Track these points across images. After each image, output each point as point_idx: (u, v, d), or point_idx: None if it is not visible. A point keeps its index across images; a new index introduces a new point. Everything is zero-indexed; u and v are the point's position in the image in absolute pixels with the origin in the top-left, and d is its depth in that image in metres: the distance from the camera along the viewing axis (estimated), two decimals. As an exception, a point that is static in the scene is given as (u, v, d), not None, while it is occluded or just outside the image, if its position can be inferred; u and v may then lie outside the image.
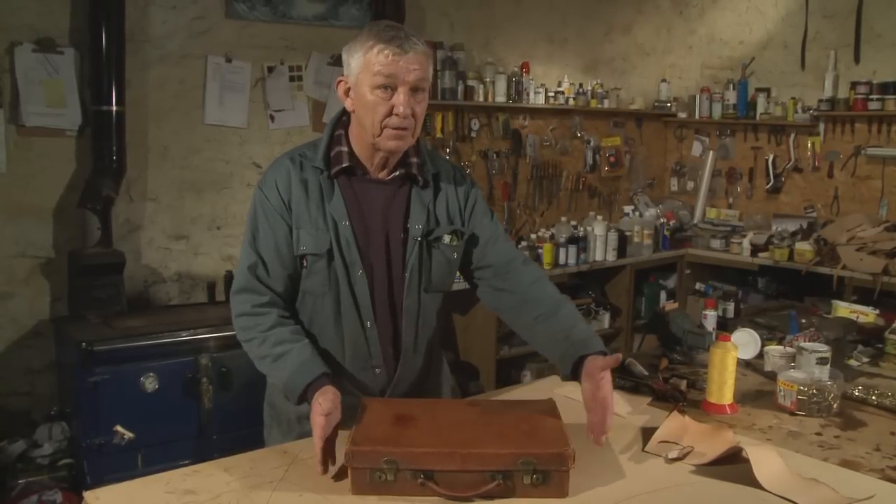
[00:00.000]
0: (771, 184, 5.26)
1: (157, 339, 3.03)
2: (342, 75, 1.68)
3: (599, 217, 4.90)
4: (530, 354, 4.35)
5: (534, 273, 1.83)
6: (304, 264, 1.69)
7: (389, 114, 1.61)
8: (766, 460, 1.51)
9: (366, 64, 1.60)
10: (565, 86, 5.05)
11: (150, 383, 2.97)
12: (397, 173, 1.73)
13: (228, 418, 3.09)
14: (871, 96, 4.58)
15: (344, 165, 1.69)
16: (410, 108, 1.61)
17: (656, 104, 5.68)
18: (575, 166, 5.29)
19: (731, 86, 5.36)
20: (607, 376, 1.56)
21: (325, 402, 1.49)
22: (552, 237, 4.68)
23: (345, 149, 1.71)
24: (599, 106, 5.20)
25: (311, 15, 4.00)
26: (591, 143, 5.32)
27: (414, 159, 1.73)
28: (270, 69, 3.90)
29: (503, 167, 4.86)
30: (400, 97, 1.60)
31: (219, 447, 2.92)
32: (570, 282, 4.85)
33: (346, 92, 1.67)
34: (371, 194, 1.72)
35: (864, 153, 4.79)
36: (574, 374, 1.66)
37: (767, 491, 1.45)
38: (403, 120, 1.61)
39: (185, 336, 3.08)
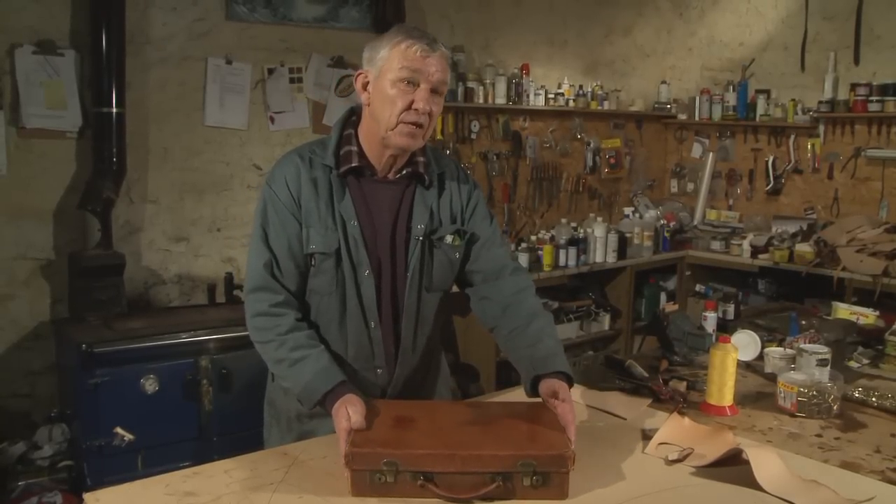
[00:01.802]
0: (771, 185, 5.27)
1: (157, 341, 3.03)
2: (360, 70, 1.69)
3: (599, 219, 4.90)
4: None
5: (519, 283, 1.81)
6: (313, 263, 1.69)
7: (408, 108, 1.62)
8: (766, 462, 1.51)
9: (392, 57, 1.62)
10: (565, 87, 5.05)
11: (150, 385, 2.97)
12: (404, 173, 1.74)
13: (228, 420, 3.09)
14: (870, 98, 4.58)
15: (353, 165, 1.69)
16: (429, 107, 1.62)
17: (656, 106, 5.68)
18: (575, 168, 5.29)
19: (731, 87, 5.37)
20: (561, 400, 1.55)
21: (355, 415, 1.49)
22: (552, 239, 4.68)
23: (354, 148, 1.71)
24: (599, 107, 5.20)
25: (311, 17, 4.00)
26: (591, 145, 5.33)
27: (420, 159, 1.74)
28: (270, 71, 3.90)
29: (503, 169, 4.86)
30: (421, 93, 1.61)
31: (219, 449, 2.93)
32: (571, 283, 4.86)
33: (365, 85, 1.68)
34: (378, 194, 1.72)
35: (863, 154, 4.79)
36: (534, 392, 1.66)
37: (767, 493, 1.45)
38: (420, 116, 1.62)
39: (185, 338, 3.08)
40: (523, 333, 1.73)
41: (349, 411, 1.49)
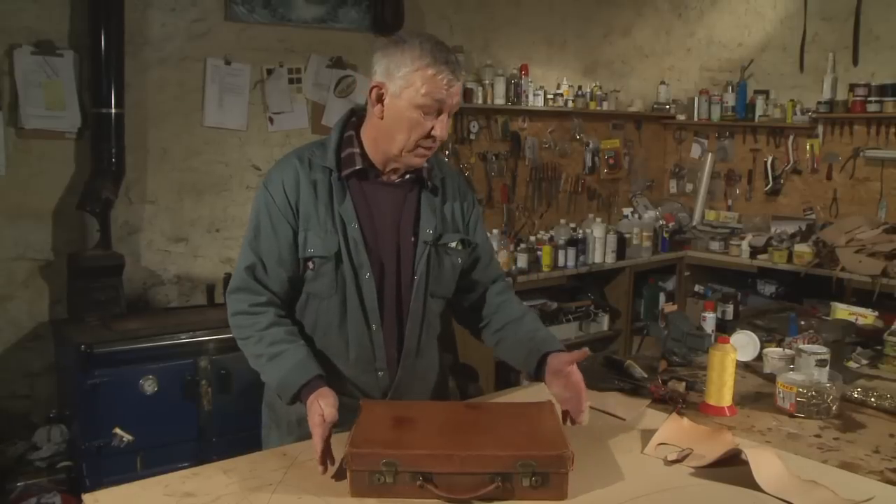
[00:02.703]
0: (770, 186, 5.27)
1: (156, 342, 3.03)
2: (376, 81, 1.62)
3: (598, 219, 4.90)
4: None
5: (507, 288, 1.92)
6: (311, 266, 1.68)
7: (427, 135, 1.62)
8: (765, 462, 1.51)
9: (415, 80, 1.57)
10: (564, 88, 5.06)
11: (149, 385, 2.97)
12: (407, 177, 1.74)
13: (228, 420, 3.09)
14: (869, 98, 4.59)
15: (357, 168, 1.69)
16: (445, 134, 1.63)
17: (655, 106, 5.68)
18: (574, 168, 5.29)
19: (730, 88, 5.37)
20: (575, 367, 1.63)
21: (327, 408, 1.48)
22: (551, 239, 4.68)
23: (357, 150, 1.70)
24: (598, 108, 5.20)
25: (310, 17, 4.00)
26: (591, 146, 5.33)
27: (424, 164, 1.74)
28: (270, 71, 3.90)
29: (502, 169, 4.86)
30: (440, 122, 1.61)
31: (218, 449, 2.92)
32: (569, 284, 4.86)
33: (380, 97, 1.63)
34: (381, 196, 1.72)
35: (862, 155, 4.80)
36: (538, 372, 1.72)
37: (767, 493, 1.45)
38: (436, 142, 1.63)
39: (184, 338, 3.08)
40: (520, 322, 1.82)
41: (321, 405, 1.48)
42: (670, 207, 5.62)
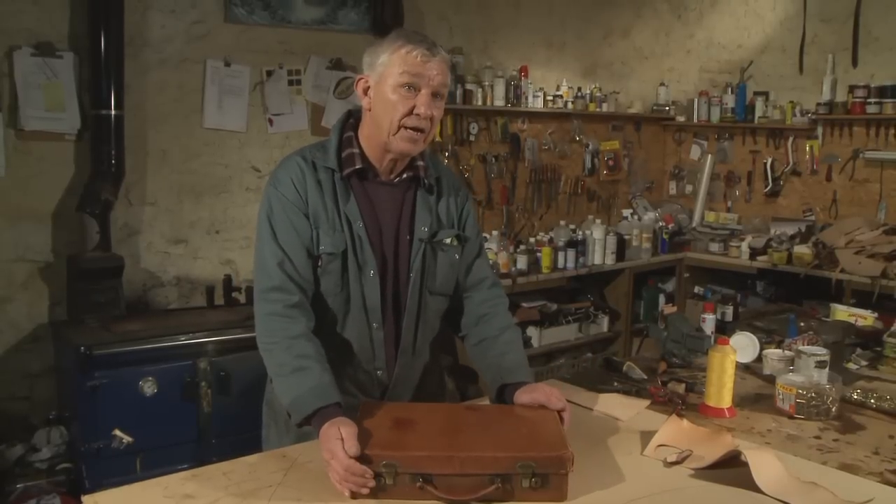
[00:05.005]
0: (769, 187, 5.27)
1: (155, 343, 3.03)
2: (362, 74, 1.70)
3: (598, 221, 4.90)
4: (529, 358, 4.35)
5: (495, 297, 1.87)
6: (320, 264, 1.69)
7: (409, 113, 1.63)
8: (764, 464, 1.51)
9: (392, 63, 1.63)
10: (564, 89, 5.06)
11: (148, 387, 2.97)
12: (404, 176, 1.75)
13: (227, 422, 3.09)
14: (869, 100, 4.59)
15: (357, 167, 1.70)
16: (430, 111, 1.63)
17: (655, 108, 5.69)
18: (574, 170, 5.29)
19: (730, 89, 5.38)
20: (554, 404, 1.62)
21: (349, 439, 1.38)
22: (551, 241, 4.68)
23: (356, 150, 1.72)
24: (598, 109, 5.20)
25: (310, 19, 4.00)
26: (590, 147, 5.33)
27: (420, 163, 1.76)
28: (269, 73, 3.90)
29: (502, 171, 4.86)
30: (422, 98, 1.62)
31: (218, 451, 2.92)
32: (569, 285, 4.86)
33: (366, 90, 1.69)
34: (381, 196, 1.74)
35: (862, 156, 4.80)
36: (499, 398, 1.73)
37: (766, 495, 1.45)
38: (422, 121, 1.63)
39: (183, 340, 3.08)
40: (493, 343, 1.80)
41: (343, 433, 1.40)
42: (670, 209, 5.62)
